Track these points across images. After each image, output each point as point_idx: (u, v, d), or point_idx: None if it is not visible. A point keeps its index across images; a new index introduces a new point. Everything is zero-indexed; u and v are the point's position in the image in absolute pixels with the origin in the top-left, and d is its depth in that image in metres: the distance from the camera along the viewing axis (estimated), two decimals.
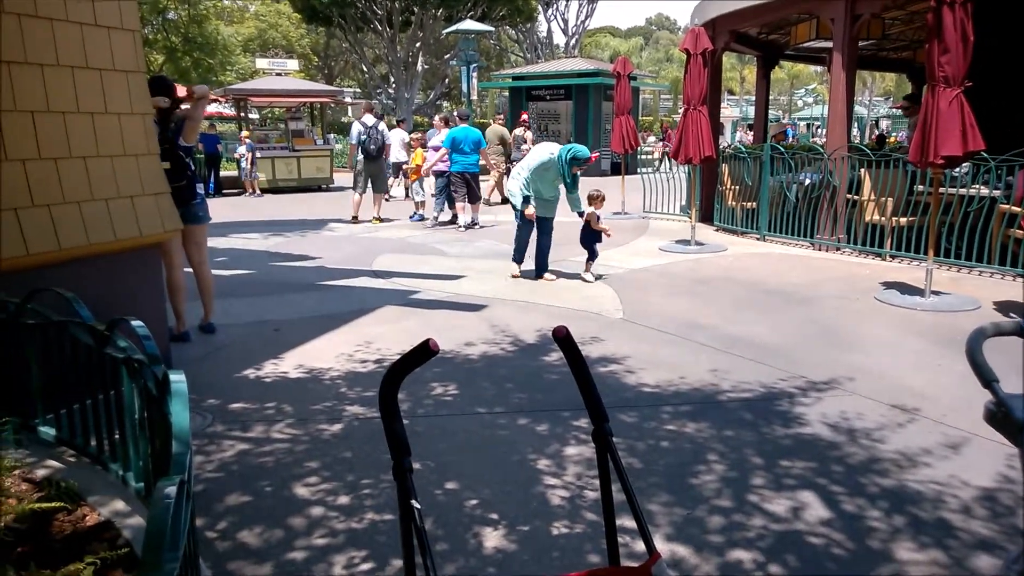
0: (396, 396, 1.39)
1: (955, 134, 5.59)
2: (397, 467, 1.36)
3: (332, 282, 7.34)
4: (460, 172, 10.88)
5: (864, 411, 3.97)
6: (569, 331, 1.53)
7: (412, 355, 1.35)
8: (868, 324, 5.64)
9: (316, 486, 3.19)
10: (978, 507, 2.97)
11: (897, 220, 7.98)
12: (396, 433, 1.37)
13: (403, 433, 1.37)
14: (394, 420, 1.37)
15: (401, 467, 1.36)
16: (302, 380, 4.51)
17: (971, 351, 1.50)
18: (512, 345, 5.14)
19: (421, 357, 1.34)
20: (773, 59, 14.24)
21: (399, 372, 1.38)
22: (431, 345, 1.32)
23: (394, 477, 1.38)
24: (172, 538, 1.33)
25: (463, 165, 10.87)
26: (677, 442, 3.62)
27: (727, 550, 2.69)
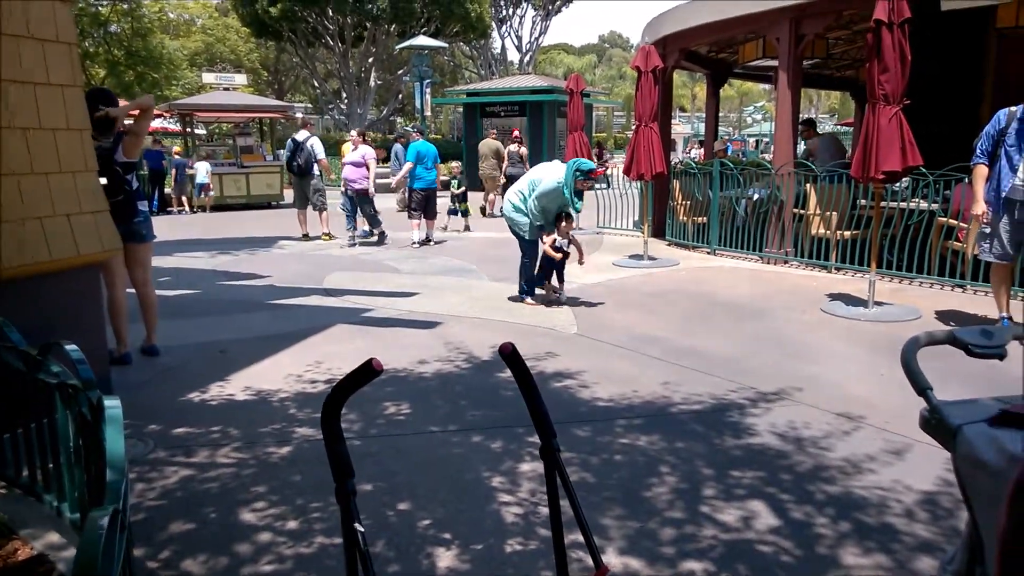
0: (339, 417, 1.36)
1: (895, 150, 5.77)
2: (340, 490, 1.33)
3: (281, 301, 7.22)
4: (423, 188, 10.79)
5: (811, 420, 4.03)
6: (515, 347, 1.52)
7: (355, 375, 1.33)
8: (815, 335, 5.74)
9: (263, 511, 3.11)
10: (920, 511, 3.03)
11: (841, 234, 8.18)
12: (339, 455, 1.34)
13: (346, 455, 1.34)
14: (337, 442, 1.34)
15: (344, 490, 1.33)
16: (249, 402, 4.40)
17: (906, 360, 1.53)
18: (466, 362, 5.10)
19: (364, 377, 1.32)
20: (722, 77, 14.56)
21: (342, 393, 1.35)
22: (374, 365, 1.30)
23: (337, 501, 1.35)
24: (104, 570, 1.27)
25: (427, 181, 10.80)
26: (630, 455, 3.62)
27: (679, 561, 2.69)
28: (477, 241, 11.39)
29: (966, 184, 6.74)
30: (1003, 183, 5.33)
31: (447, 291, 7.57)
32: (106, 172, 4.84)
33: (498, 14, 36.01)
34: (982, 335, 1.58)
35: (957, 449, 1.37)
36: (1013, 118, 5.31)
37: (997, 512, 1.19)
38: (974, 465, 1.32)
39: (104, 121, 4.90)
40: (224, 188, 17.00)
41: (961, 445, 1.36)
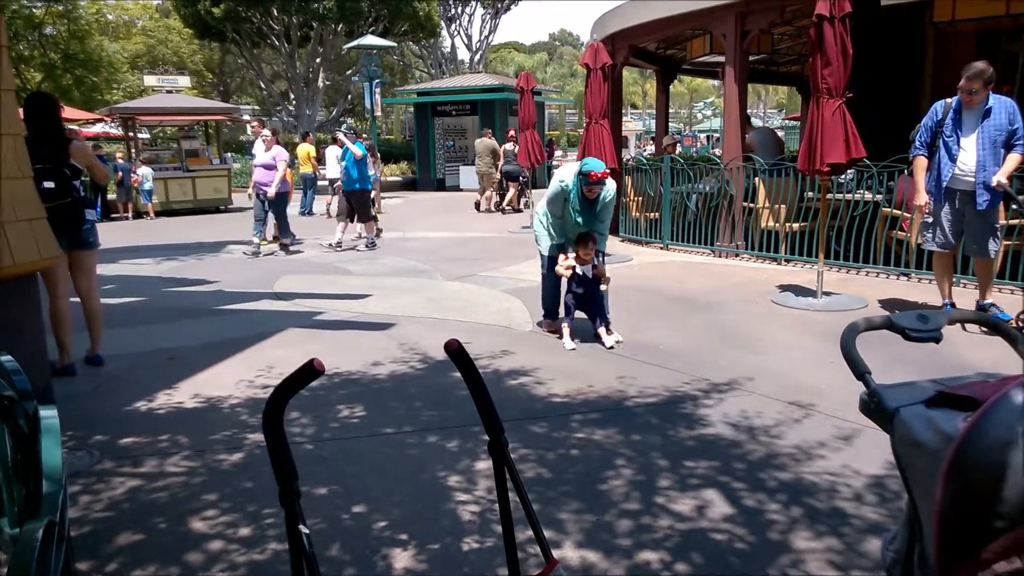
0: (282, 419, 1.34)
1: (839, 143, 5.90)
2: (284, 493, 1.31)
3: (231, 306, 7.08)
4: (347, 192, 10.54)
5: (763, 409, 4.10)
6: (461, 344, 1.51)
7: (296, 377, 1.31)
8: (766, 326, 5.85)
9: (215, 519, 3.04)
10: (868, 494, 3.11)
11: (790, 226, 8.35)
12: (282, 457, 1.32)
13: (290, 457, 1.32)
14: (280, 445, 1.32)
15: (289, 493, 1.30)
16: (199, 410, 4.31)
17: (845, 346, 1.56)
18: (421, 363, 5.07)
19: (306, 378, 1.30)
20: (671, 73, 14.72)
21: (284, 395, 1.33)
22: (316, 365, 1.28)
23: (281, 504, 1.32)
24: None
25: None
26: (586, 450, 3.64)
27: (635, 552, 2.71)
28: (433, 240, 11.32)
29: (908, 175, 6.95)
30: (943, 173, 5.47)
31: (401, 292, 7.51)
32: (55, 177, 4.70)
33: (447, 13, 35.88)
34: (918, 320, 1.61)
35: (895, 431, 1.39)
36: (949, 109, 5.45)
37: (933, 491, 1.21)
38: (911, 446, 1.35)
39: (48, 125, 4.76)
40: (170, 193, 16.61)
41: (899, 427, 1.38)
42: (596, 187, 5.15)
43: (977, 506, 1.13)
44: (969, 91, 5.28)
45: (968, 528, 1.16)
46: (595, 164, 5.17)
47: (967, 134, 5.40)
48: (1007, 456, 1.09)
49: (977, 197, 5.35)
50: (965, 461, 1.16)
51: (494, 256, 9.53)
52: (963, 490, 1.17)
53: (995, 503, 1.10)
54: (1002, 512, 1.09)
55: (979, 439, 1.16)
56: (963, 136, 5.41)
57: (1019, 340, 1.61)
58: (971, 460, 1.16)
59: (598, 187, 5.16)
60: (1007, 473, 1.08)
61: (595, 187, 5.14)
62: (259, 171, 10.34)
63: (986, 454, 1.13)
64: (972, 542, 1.15)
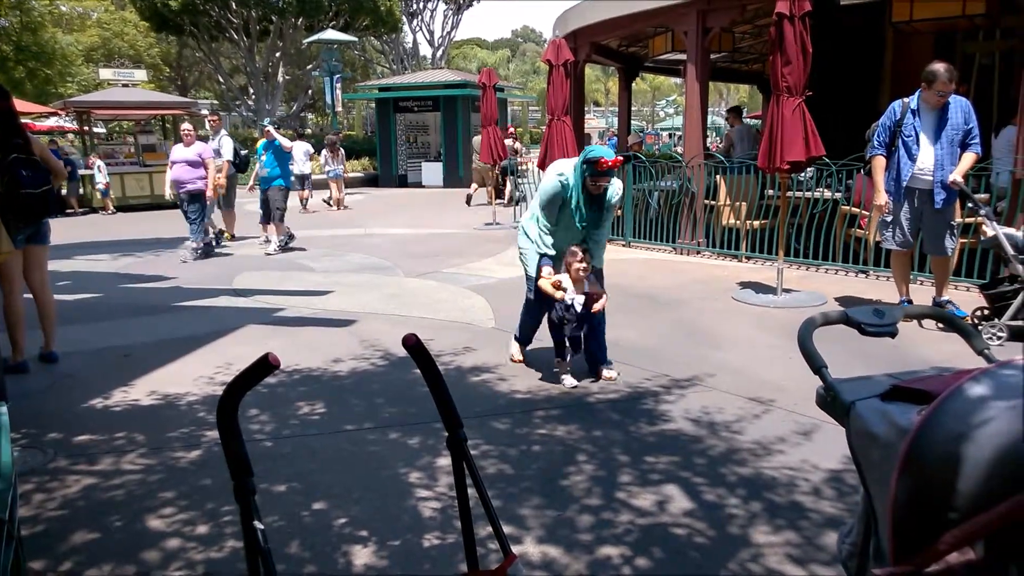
0: (235, 414, 1.32)
1: (798, 141, 5.98)
2: (238, 489, 1.29)
3: (189, 303, 6.95)
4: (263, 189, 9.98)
5: (724, 405, 4.14)
6: (419, 338, 1.49)
7: (251, 371, 1.29)
8: (727, 323, 5.91)
9: (172, 517, 2.99)
10: (827, 488, 3.16)
11: (751, 223, 8.46)
12: (236, 452, 1.30)
13: (244, 453, 1.30)
14: (234, 440, 1.30)
15: (243, 488, 1.29)
16: (156, 407, 4.22)
17: (802, 340, 1.58)
18: (383, 360, 5.03)
19: (261, 373, 1.29)
20: (634, 71, 14.82)
21: (238, 389, 1.31)
22: (271, 359, 1.27)
23: (236, 499, 1.30)
24: None
25: (266, 181, 9.93)
26: (548, 445, 3.64)
27: (596, 547, 2.72)
28: (395, 237, 11.23)
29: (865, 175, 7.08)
30: (903, 173, 5.53)
31: (362, 288, 7.44)
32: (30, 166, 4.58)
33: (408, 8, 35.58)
34: (874, 314, 1.64)
35: (851, 424, 1.41)
36: (907, 109, 5.52)
37: (888, 483, 1.23)
38: (867, 439, 1.37)
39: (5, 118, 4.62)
40: (126, 188, 16.22)
41: (854, 420, 1.40)
42: (604, 179, 4.33)
43: (931, 498, 1.15)
44: (941, 93, 5.36)
45: (922, 520, 1.18)
46: (603, 151, 4.40)
47: (926, 133, 5.49)
48: (960, 448, 1.11)
49: (935, 196, 5.45)
50: (919, 453, 1.18)
51: (457, 253, 9.49)
52: (917, 482, 1.19)
53: (948, 495, 1.11)
54: (955, 504, 1.11)
55: (933, 432, 1.18)
56: (922, 135, 5.49)
57: (973, 335, 1.65)
58: (925, 452, 1.17)
59: (606, 179, 4.34)
60: (960, 465, 1.10)
61: (603, 179, 4.32)
62: (179, 168, 9.34)
63: (940, 446, 1.15)
64: (926, 533, 1.17)
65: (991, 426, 1.09)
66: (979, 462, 1.08)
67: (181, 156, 9.47)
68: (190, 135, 9.66)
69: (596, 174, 4.27)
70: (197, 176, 9.42)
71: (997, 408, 1.11)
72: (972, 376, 1.22)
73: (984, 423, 1.11)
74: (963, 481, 1.09)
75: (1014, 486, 1.03)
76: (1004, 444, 1.06)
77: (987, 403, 1.14)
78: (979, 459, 1.08)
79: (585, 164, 4.31)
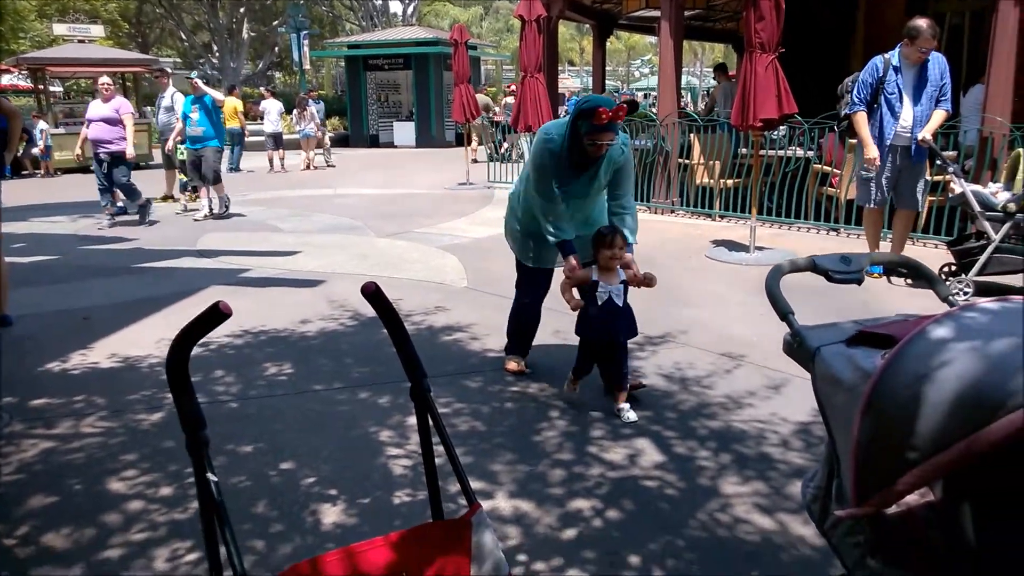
0: (186, 365, 1.27)
1: (771, 98, 5.94)
2: (191, 441, 1.26)
3: (151, 264, 6.80)
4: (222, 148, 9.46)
5: (695, 361, 4.15)
6: (379, 286, 1.45)
7: (201, 320, 1.24)
8: (700, 280, 5.92)
9: (134, 479, 2.93)
10: (795, 440, 3.19)
11: (724, 182, 8.45)
12: (188, 405, 1.27)
13: (195, 404, 1.26)
14: (185, 391, 1.26)
15: (196, 441, 1.25)
16: (116, 370, 4.13)
17: (769, 287, 1.56)
18: (352, 320, 4.96)
19: (212, 321, 1.24)
20: (608, 28, 14.60)
21: (188, 339, 1.26)
22: (221, 307, 1.22)
23: (188, 453, 1.27)
24: None
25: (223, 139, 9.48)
26: (521, 403, 3.63)
27: (568, 500, 2.72)
28: (366, 197, 11.08)
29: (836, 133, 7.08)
30: (887, 131, 5.48)
31: (332, 249, 7.34)
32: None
33: None
34: (841, 261, 1.62)
35: (815, 369, 1.40)
36: (889, 65, 5.45)
37: (851, 426, 1.22)
38: (831, 383, 1.35)
39: None
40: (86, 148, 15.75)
41: (819, 365, 1.39)
42: (606, 137, 3.24)
43: (892, 439, 1.14)
44: (923, 50, 5.30)
45: (883, 461, 1.17)
46: (601, 99, 3.45)
47: (907, 90, 5.45)
48: (921, 389, 1.10)
49: (913, 151, 5.46)
50: (882, 395, 1.17)
51: (428, 213, 9.39)
52: (879, 423, 1.18)
53: (909, 435, 1.10)
54: (916, 444, 1.10)
55: (895, 374, 1.16)
56: (904, 92, 5.46)
57: (938, 282, 1.64)
58: (887, 394, 1.16)
59: (609, 137, 3.25)
60: (921, 406, 1.09)
61: (604, 136, 3.24)
62: (97, 127, 8.54)
63: (901, 388, 1.14)
64: (887, 475, 1.16)
65: (952, 367, 1.08)
66: (939, 403, 1.07)
67: (98, 113, 8.55)
68: (109, 89, 8.76)
69: (594, 130, 3.21)
70: (117, 135, 8.64)
71: (958, 350, 1.10)
72: (935, 319, 1.20)
73: (945, 364, 1.10)
74: (923, 422, 1.08)
75: (972, 426, 1.02)
76: (964, 385, 1.05)
77: (948, 345, 1.12)
78: (939, 400, 1.07)
79: (579, 119, 3.23)
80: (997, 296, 1.26)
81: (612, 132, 3.27)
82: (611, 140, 3.29)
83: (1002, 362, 1.04)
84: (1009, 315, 1.19)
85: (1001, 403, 1.00)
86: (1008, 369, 1.02)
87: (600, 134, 3.23)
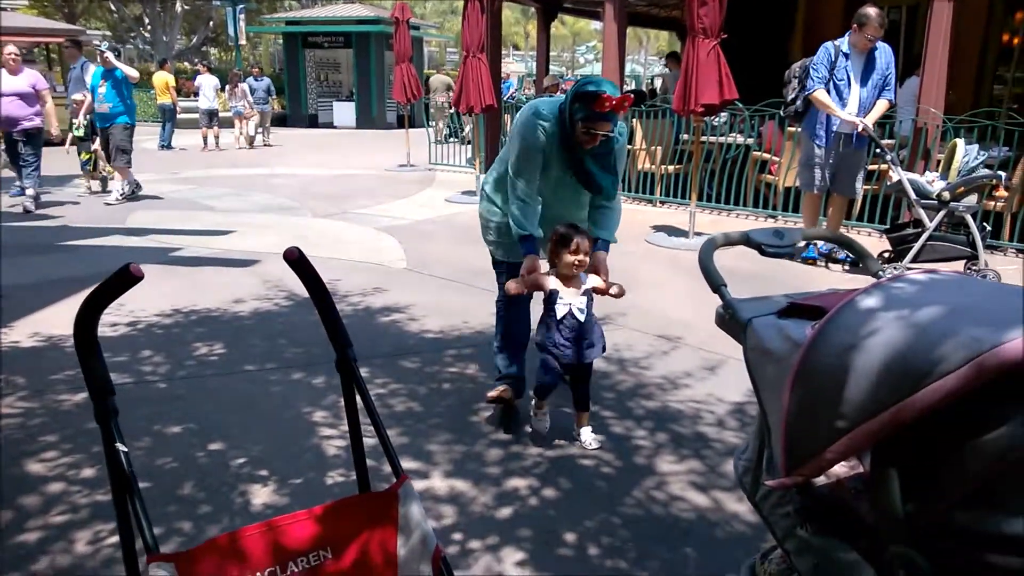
0: (95, 328, 1.21)
1: (712, 83, 6.00)
2: (99, 409, 1.19)
3: (76, 242, 6.52)
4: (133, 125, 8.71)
5: (633, 343, 4.18)
6: (302, 251, 1.40)
7: (112, 282, 1.19)
8: (640, 265, 5.97)
9: (55, 461, 2.81)
10: (730, 419, 3.24)
11: (665, 168, 8.52)
12: (96, 370, 1.20)
13: (104, 370, 1.20)
14: (93, 357, 1.20)
15: (104, 409, 1.18)
16: (38, 349, 3.95)
17: (702, 260, 1.56)
18: (287, 300, 4.85)
19: (123, 284, 1.18)
20: (552, 12, 14.57)
21: (96, 303, 1.20)
22: (132, 269, 1.16)
23: (97, 421, 1.21)
24: None
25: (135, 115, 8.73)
26: (459, 384, 3.60)
27: (504, 479, 2.71)
28: (303, 177, 10.83)
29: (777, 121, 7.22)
30: (833, 118, 5.59)
31: (267, 229, 7.16)
32: None
33: None
34: (774, 235, 1.63)
35: (747, 340, 1.41)
36: (839, 52, 5.55)
37: (781, 396, 1.23)
38: (762, 354, 1.36)
39: None
40: None
41: (751, 336, 1.40)
42: (605, 127, 2.82)
43: (822, 408, 1.15)
44: (871, 38, 5.40)
45: (813, 430, 1.18)
46: (605, 83, 2.82)
47: (856, 76, 5.57)
48: (850, 358, 1.11)
49: (855, 138, 5.58)
50: (811, 365, 1.18)
51: (367, 194, 9.24)
52: (809, 393, 1.19)
53: (838, 404, 1.11)
54: (845, 412, 1.11)
55: (825, 343, 1.17)
56: (853, 78, 5.56)
57: (869, 257, 1.66)
58: (817, 364, 1.17)
59: (608, 127, 2.82)
60: (850, 375, 1.10)
61: (603, 126, 2.81)
62: (10, 103, 7.72)
63: (831, 357, 1.15)
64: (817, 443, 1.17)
65: (880, 336, 1.09)
66: (868, 371, 1.08)
67: (11, 87, 7.74)
68: (16, 59, 7.88)
69: (594, 117, 2.77)
70: (33, 111, 7.91)
71: (886, 319, 1.11)
72: (863, 290, 1.22)
73: (873, 333, 1.11)
74: (852, 390, 1.09)
75: (901, 394, 1.03)
76: (892, 353, 1.06)
77: (876, 314, 1.14)
78: (868, 368, 1.08)
79: (577, 103, 2.80)
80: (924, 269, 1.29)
81: (611, 123, 2.82)
82: (608, 131, 2.83)
83: (929, 330, 1.05)
84: (936, 285, 1.21)
85: (928, 371, 1.01)
86: (935, 337, 1.03)
87: (597, 123, 2.79)
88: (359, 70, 20.36)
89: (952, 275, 1.31)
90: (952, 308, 1.10)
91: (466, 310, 4.69)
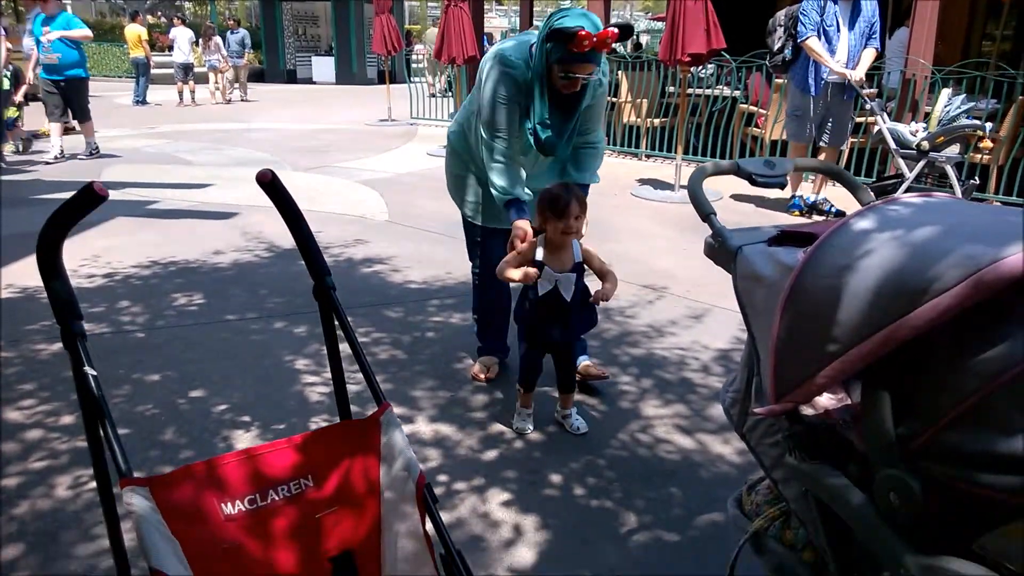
0: (59, 251, 1.17)
1: (699, 32, 5.89)
2: (65, 333, 1.16)
3: (48, 196, 6.35)
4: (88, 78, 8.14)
5: (619, 292, 4.10)
6: (275, 174, 1.35)
7: (74, 202, 1.14)
8: (625, 217, 5.93)
9: (33, 408, 2.77)
10: (715, 365, 3.24)
11: (651, 121, 8.43)
12: (60, 293, 1.16)
13: (70, 293, 1.15)
14: (57, 279, 1.15)
15: (71, 333, 1.15)
16: (14, 300, 3.87)
17: (692, 187, 1.52)
18: (267, 251, 4.77)
19: (86, 204, 1.13)
20: None
21: (59, 224, 1.16)
22: (96, 188, 1.11)
23: (64, 346, 1.18)
24: None
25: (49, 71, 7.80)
26: (442, 332, 3.57)
27: (489, 424, 2.71)
28: (282, 132, 10.63)
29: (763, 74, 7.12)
30: (823, 68, 5.50)
31: (245, 182, 6.99)
32: None
33: None
34: (765, 165, 1.60)
35: (737, 268, 1.38)
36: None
37: (771, 322, 1.20)
38: (752, 280, 1.33)
39: None
40: None
41: (740, 264, 1.36)
42: (585, 68, 2.45)
43: (813, 331, 1.12)
44: None
45: (803, 354, 1.15)
46: (582, 18, 2.40)
47: (843, 26, 5.48)
48: (843, 280, 1.08)
49: (845, 87, 5.52)
50: (804, 287, 1.15)
51: (347, 148, 9.10)
52: (800, 316, 1.16)
53: (831, 327, 1.09)
54: (837, 335, 1.08)
55: (818, 265, 1.14)
56: (842, 23, 5.48)
57: (859, 187, 1.63)
58: (809, 286, 1.14)
59: (589, 69, 2.46)
60: (843, 296, 1.07)
61: (583, 68, 2.44)
62: None
63: (824, 279, 1.12)
64: (807, 368, 1.15)
65: (874, 256, 1.06)
66: (862, 292, 1.05)
67: None
68: None
69: (570, 59, 2.41)
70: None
71: (881, 239, 1.08)
72: (858, 212, 1.19)
73: (868, 254, 1.08)
74: (845, 312, 1.07)
75: (895, 314, 1.01)
76: (886, 273, 1.03)
77: (871, 235, 1.11)
78: (862, 289, 1.05)
79: (550, 42, 2.41)
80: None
81: (593, 63, 2.44)
82: (589, 74, 2.47)
83: (925, 249, 1.02)
84: (932, 207, 1.18)
85: (924, 289, 0.98)
86: (931, 255, 1.00)
87: (576, 65, 2.41)
88: (338, 24, 19.93)
89: (948, 198, 1.28)
90: (949, 227, 1.07)
91: (449, 261, 4.64)
